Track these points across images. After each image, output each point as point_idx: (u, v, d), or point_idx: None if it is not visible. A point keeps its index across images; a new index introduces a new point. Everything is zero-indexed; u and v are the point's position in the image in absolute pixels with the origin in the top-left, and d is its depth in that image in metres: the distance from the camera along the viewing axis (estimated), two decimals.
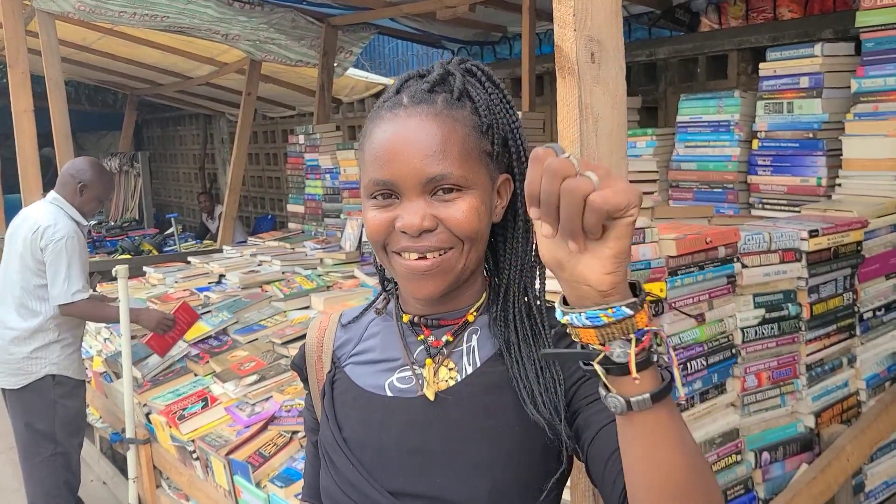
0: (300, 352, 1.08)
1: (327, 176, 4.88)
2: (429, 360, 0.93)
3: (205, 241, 7.22)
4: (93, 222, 7.54)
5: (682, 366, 1.56)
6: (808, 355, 1.83)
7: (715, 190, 2.75)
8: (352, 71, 5.97)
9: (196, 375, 3.18)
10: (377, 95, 6.45)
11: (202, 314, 3.57)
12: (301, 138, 5.24)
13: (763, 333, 1.74)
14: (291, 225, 5.41)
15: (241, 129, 5.90)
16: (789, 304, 1.79)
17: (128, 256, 6.34)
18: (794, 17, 3.44)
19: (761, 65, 2.69)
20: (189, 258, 4.85)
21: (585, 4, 1.12)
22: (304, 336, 1.05)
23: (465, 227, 0.86)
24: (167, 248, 6.81)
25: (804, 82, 2.54)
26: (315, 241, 4.64)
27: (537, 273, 0.95)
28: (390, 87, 0.95)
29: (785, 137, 2.58)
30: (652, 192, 2.57)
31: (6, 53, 4.34)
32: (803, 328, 1.82)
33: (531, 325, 0.92)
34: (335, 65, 5.47)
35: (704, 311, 1.62)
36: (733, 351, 1.69)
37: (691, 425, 1.60)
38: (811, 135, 2.51)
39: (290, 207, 5.46)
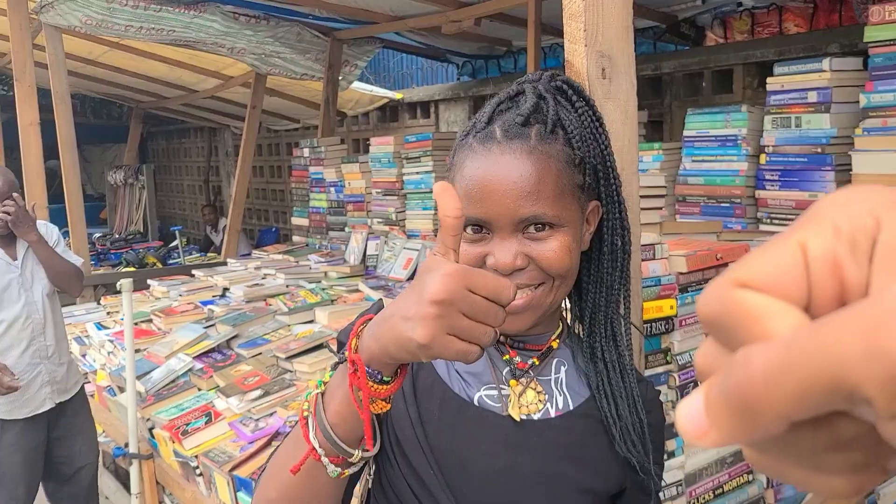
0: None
1: (332, 189, 4.88)
2: (513, 381, 0.91)
3: (209, 254, 7.23)
4: (97, 234, 7.55)
5: (693, 384, 1.54)
6: None
7: (722, 205, 2.74)
8: (356, 84, 5.98)
9: (200, 390, 3.16)
10: (382, 109, 6.49)
11: (206, 327, 3.57)
12: (306, 151, 5.25)
13: None
14: (296, 238, 5.41)
15: (245, 141, 5.92)
16: None
17: (132, 269, 6.34)
18: (800, 31, 3.43)
19: (769, 79, 2.68)
20: (193, 271, 4.85)
21: (596, 20, 1.11)
22: (307, 351, 0.99)
23: (557, 265, 0.85)
24: (171, 261, 6.81)
25: (812, 97, 2.53)
26: (319, 254, 4.63)
27: (622, 298, 0.94)
28: (481, 112, 0.91)
29: (793, 152, 2.57)
30: (660, 208, 2.56)
31: (13, 67, 4.36)
32: None
33: (619, 357, 0.92)
34: (340, 78, 5.49)
35: None
36: None
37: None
38: (820, 150, 2.50)
39: (295, 220, 5.45)
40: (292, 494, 0.77)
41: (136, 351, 3.11)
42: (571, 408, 0.91)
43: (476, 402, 0.90)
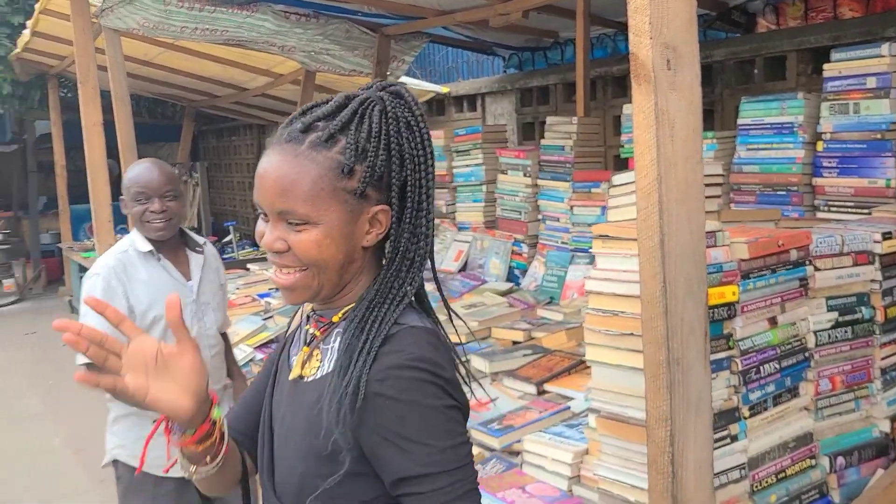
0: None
1: None
2: (305, 348, 1.11)
3: (262, 249, 7.37)
4: None
5: (754, 369, 1.56)
6: (882, 359, 1.80)
7: (778, 193, 2.72)
8: (404, 79, 6.04)
9: None
10: (428, 103, 6.54)
11: (264, 319, 3.67)
12: None
13: (836, 337, 1.73)
14: None
15: None
16: (863, 308, 1.77)
17: None
18: (855, 16, 3.37)
19: (825, 66, 2.65)
20: (248, 265, 4.97)
21: (661, 13, 1.13)
22: None
23: (305, 255, 1.01)
24: (226, 256, 6.97)
25: (871, 82, 2.50)
26: None
27: (399, 295, 1.04)
28: (291, 115, 1.08)
29: (851, 139, 2.54)
30: (717, 196, 2.56)
31: (77, 70, 4.51)
32: (877, 332, 1.79)
33: (362, 341, 1.00)
34: (388, 73, 5.55)
35: (777, 314, 1.61)
36: (806, 354, 1.68)
37: (764, 429, 1.59)
38: (879, 136, 2.46)
39: None
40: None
41: None
42: (325, 372, 1.06)
43: (287, 364, 1.14)
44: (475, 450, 2.11)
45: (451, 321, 1.16)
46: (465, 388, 1.09)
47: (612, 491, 1.55)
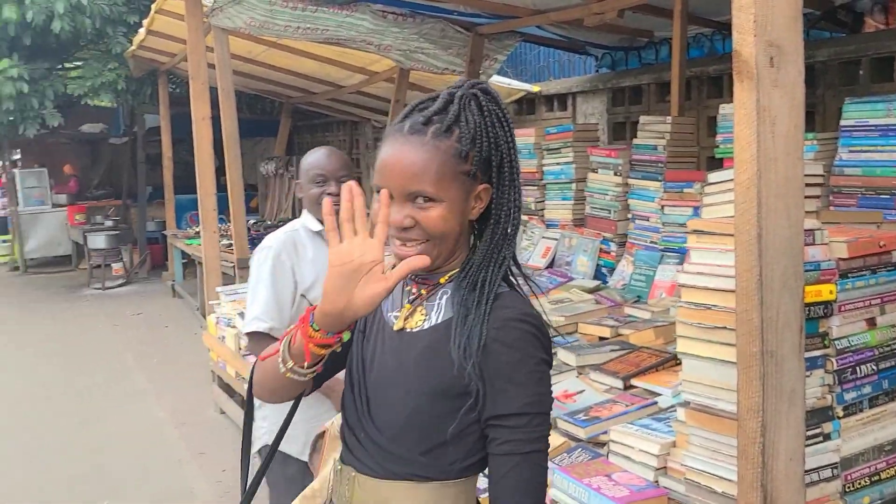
0: None
1: None
2: (407, 305, 1.27)
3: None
4: (251, 221, 8.09)
5: (850, 369, 1.55)
6: None
7: (881, 196, 2.64)
8: (495, 78, 6.10)
9: None
10: (518, 102, 6.58)
11: None
12: None
13: None
14: None
15: None
16: None
17: None
18: None
19: None
20: None
21: (766, 11, 1.16)
22: None
23: (433, 228, 1.18)
24: None
25: None
26: None
27: (502, 260, 1.22)
28: (404, 110, 1.26)
29: None
30: (817, 196, 2.51)
31: (189, 66, 4.78)
32: None
33: (476, 296, 1.18)
34: (479, 72, 5.62)
35: (876, 315, 1.60)
36: None
37: (858, 430, 1.58)
38: None
39: None
40: (266, 380, 1.28)
41: None
42: (434, 322, 1.23)
43: (386, 320, 1.29)
44: (560, 439, 2.17)
45: (538, 298, 1.32)
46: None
47: (700, 482, 1.58)
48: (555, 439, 2.21)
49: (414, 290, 1.28)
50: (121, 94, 9.64)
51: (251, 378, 1.34)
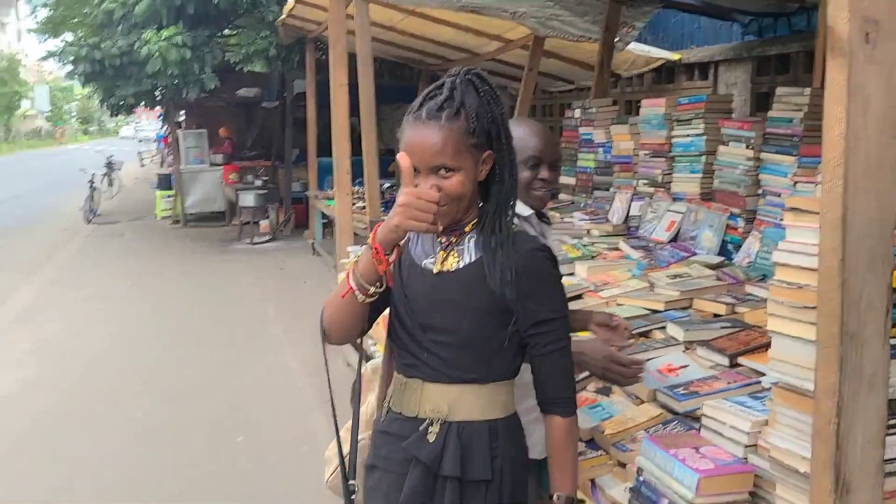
0: None
1: (600, 150, 4.99)
2: (441, 252, 1.60)
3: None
4: (385, 185, 8.37)
5: None
6: None
7: None
8: (633, 45, 5.97)
9: None
10: (657, 70, 6.40)
11: None
12: (577, 112, 5.39)
13: None
14: (562, 196, 5.61)
15: (521, 102, 6.21)
16: None
17: None
18: None
19: None
20: None
21: None
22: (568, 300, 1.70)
23: (454, 192, 1.51)
24: None
25: None
26: (584, 212, 4.78)
27: (507, 203, 1.57)
28: (416, 101, 1.55)
29: None
30: None
31: (329, 34, 5.01)
32: None
33: (499, 237, 1.54)
34: (616, 40, 5.52)
35: None
36: None
37: None
38: None
39: (562, 179, 5.64)
40: (336, 314, 1.61)
41: None
42: (467, 262, 1.57)
43: (422, 265, 1.62)
44: (656, 410, 2.19)
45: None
46: None
47: (783, 460, 1.56)
48: (651, 410, 2.23)
49: (444, 240, 1.61)
50: (272, 61, 10.20)
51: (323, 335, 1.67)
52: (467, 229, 1.59)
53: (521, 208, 2.10)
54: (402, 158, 1.47)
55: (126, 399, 5.04)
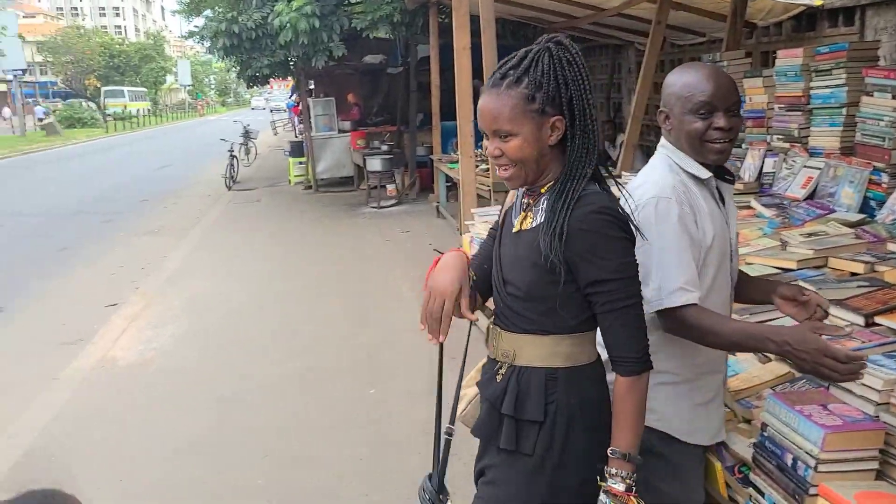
0: None
1: None
2: (522, 213, 1.70)
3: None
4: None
5: None
6: None
7: None
8: None
9: None
10: (797, 17, 6.03)
11: None
12: None
13: None
14: None
15: (647, 57, 6.03)
16: None
17: None
18: None
19: None
20: None
21: None
22: None
23: (513, 155, 1.61)
24: None
25: None
26: None
27: (583, 168, 1.60)
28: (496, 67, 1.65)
29: None
30: None
31: None
32: None
33: (562, 202, 1.58)
34: None
35: None
36: None
37: None
38: None
39: None
40: None
41: None
42: (538, 223, 1.64)
43: (512, 225, 1.73)
44: (784, 368, 2.15)
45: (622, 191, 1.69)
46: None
47: None
48: (778, 369, 2.20)
49: (525, 201, 1.72)
50: (396, 27, 10.36)
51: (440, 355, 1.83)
52: (542, 191, 1.66)
53: (697, 169, 1.85)
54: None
55: (267, 351, 5.41)
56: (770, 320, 2.39)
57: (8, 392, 4.93)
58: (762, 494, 1.80)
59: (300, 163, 14.29)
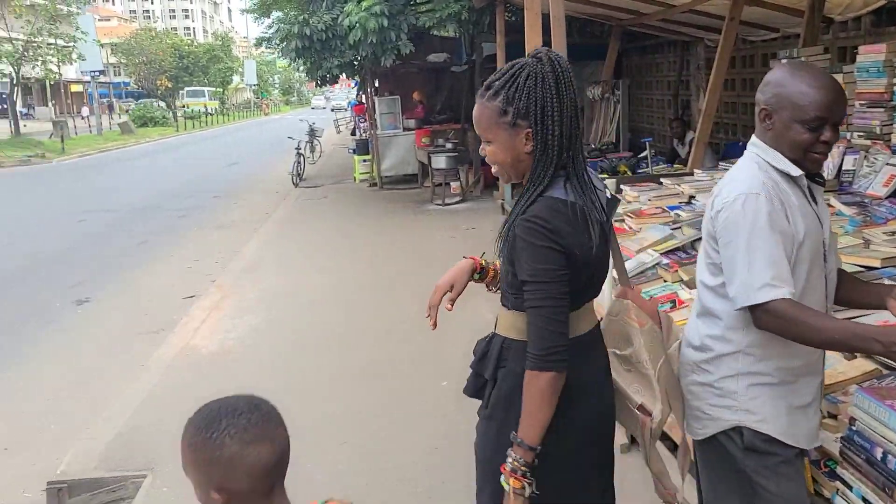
0: None
1: None
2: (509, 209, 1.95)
3: (675, 165, 7.53)
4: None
5: None
6: None
7: None
8: None
9: (665, 282, 3.55)
10: (877, 12, 5.88)
11: (673, 229, 3.92)
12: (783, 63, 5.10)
13: None
14: None
15: (720, 54, 5.96)
16: None
17: (605, 176, 6.99)
18: None
19: None
20: (661, 179, 5.21)
21: None
22: None
23: (492, 158, 1.84)
24: (640, 170, 7.30)
25: None
26: None
27: (540, 181, 1.76)
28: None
29: None
30: None
31: None
32: None
33: (517, 204, 1.78)
34: None
35: None
36: None
37: None
38: None
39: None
40: None
41: None
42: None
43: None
44: (871, 365, 2.16)
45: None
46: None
47: None
48: (865, 365, 2.20)
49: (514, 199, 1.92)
50: (463, 25, 10.45)
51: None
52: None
53: (789, 166, 1.85)
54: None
55: (340, 342, 5.57)
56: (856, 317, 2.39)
57: (100, 378, 5.21)
58: (850, 488, 1.82)
59: (365, 160, 14.53)
